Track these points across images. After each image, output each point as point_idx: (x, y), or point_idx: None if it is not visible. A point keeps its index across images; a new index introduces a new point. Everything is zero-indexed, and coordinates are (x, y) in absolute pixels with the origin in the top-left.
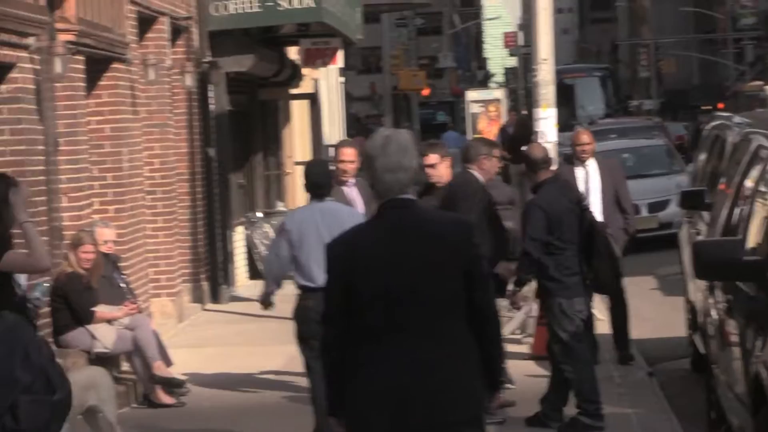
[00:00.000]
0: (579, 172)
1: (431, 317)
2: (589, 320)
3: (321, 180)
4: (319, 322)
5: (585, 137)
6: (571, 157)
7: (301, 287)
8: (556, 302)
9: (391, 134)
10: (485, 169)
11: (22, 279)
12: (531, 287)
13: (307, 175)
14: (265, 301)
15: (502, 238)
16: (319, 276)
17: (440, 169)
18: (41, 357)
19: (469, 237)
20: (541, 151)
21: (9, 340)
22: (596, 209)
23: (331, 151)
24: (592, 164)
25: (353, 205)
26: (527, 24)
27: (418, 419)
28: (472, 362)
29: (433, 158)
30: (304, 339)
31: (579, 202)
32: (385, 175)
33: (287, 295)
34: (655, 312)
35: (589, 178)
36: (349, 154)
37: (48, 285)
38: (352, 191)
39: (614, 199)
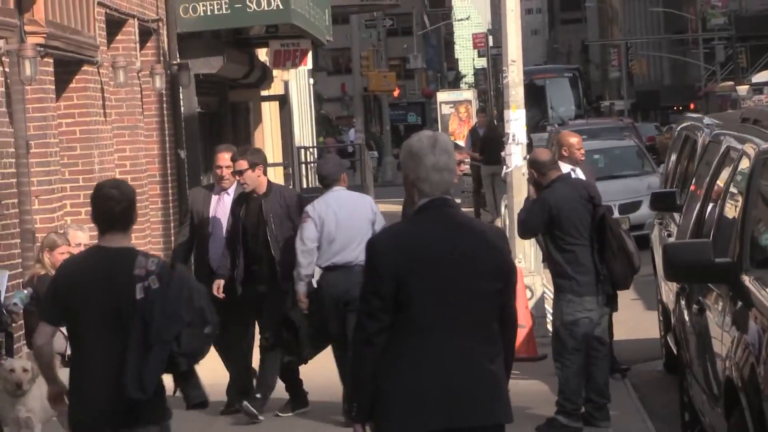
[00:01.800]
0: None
1: (475, 316)
2: (603, 321)
3: (325, 172)
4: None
5: (574, 139)
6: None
7: (323, 268)
8: (566, 299)
9: (437, 135)
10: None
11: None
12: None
13: (317, 169)
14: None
15: None
16: (339, 256)
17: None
18: (200, 300)
19: (506, 244)
20: (546, 154)
21: (179, 287)
22: None
23: (300, 153)
24: (578, 169)
25: (223, 217)
26: (497, 28)
27: (463, 418)
28: (501, 365)
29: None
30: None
31: (591, 199)
32: (434, 174)
33: None
34: (628, 314)
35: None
36: (227, 159)
37: (28, 293)
38: (226, 202)
39: None
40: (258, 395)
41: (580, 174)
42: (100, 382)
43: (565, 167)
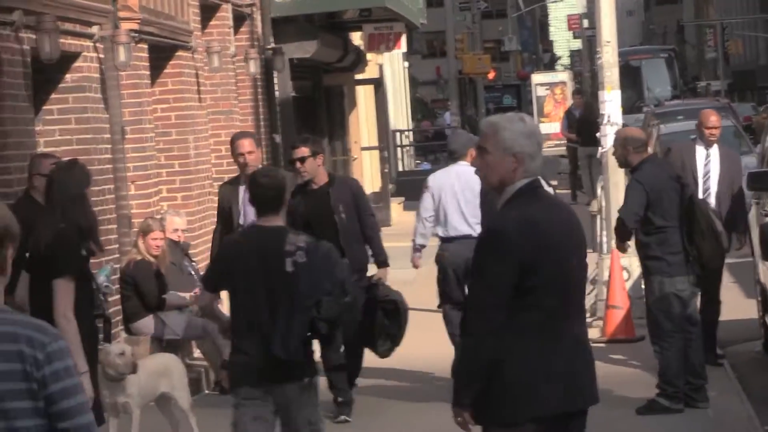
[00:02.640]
0: (700, 153)
1: (582, 302)
2: (693, 302)
3: (453, 147)
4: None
5: (714, 119)
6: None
7: (441, 238)
8: (657, 281)
9: (528, 119)
10: None
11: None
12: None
13: (448, 143)
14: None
15: None
16: (455, 227)
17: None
18: (342, 273)
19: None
20: (639, 132)
21: (324, 260)
22: (713, 195)
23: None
24: (714, 149)
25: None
26: (592, 9)
27: (582, 401)
28: None
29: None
30: (443, 292)
31: (678, 179)
32: (539, 155)
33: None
34: (726, 294)
35: (709, 161)
36: (246, 145)
37: (111, 267)
38: None
39: (729, 191)
40: (340, 399)
41: (713, 154)
42: (254, 343)
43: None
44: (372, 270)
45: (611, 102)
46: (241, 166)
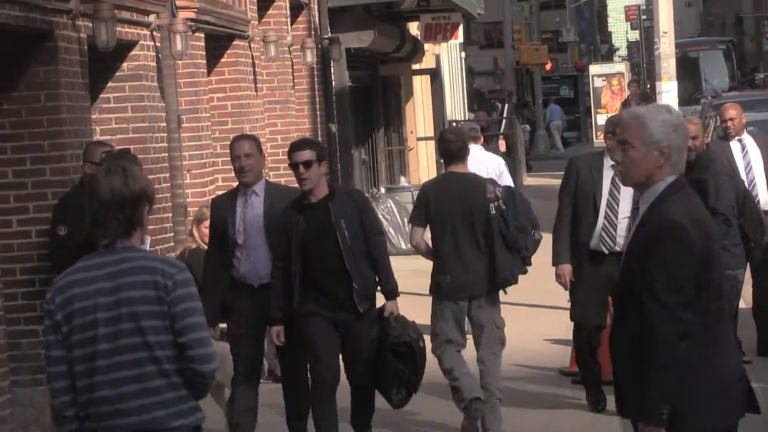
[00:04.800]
0: (734, 147)
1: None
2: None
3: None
4: None
5: (731, 111)
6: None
7: None
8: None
9: (674, 110)
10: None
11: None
12: None
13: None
14: None
15: None
16: None
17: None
18: (529, 211)
19: None
20: (695, 123)
21: (520, 204)
22: (760, 183)
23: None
24: (748, 139)
25: (253, 222)
26: (650, 2)
27: (749, 407)
28: None
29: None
30: None
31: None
32: (685, 149)
33: (420, 270)
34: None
35: (747, 152)
36: (245, 147)
37: (173, 256)
38: (255, 205)
39: None
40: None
41: (748, 145)
42: (459, 268)
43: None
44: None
45: (668, 93)
46: (236, 171)
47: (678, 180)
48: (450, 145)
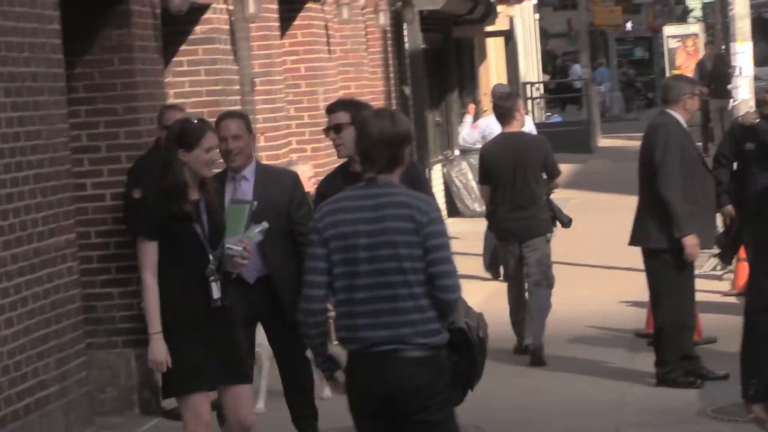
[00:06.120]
0: None
1: None
2: None
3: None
4: None
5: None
6: None
7: None
8: None
9: None
10: (688, 110)
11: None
12: None
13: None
14: None
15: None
16: None
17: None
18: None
19: None
20: None
21: None
22: None
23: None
24: None
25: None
26: None
27: None
28: None
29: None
30: None
31: None
32: None
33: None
34: None
35: None
36: (233, 128)
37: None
38: (245, 191)
39: None
40: None
41: None
42: (512, 218)
43: None
44: None
45: (743, 54)
46: (223, 155)
47: None
48: (502, 104)
